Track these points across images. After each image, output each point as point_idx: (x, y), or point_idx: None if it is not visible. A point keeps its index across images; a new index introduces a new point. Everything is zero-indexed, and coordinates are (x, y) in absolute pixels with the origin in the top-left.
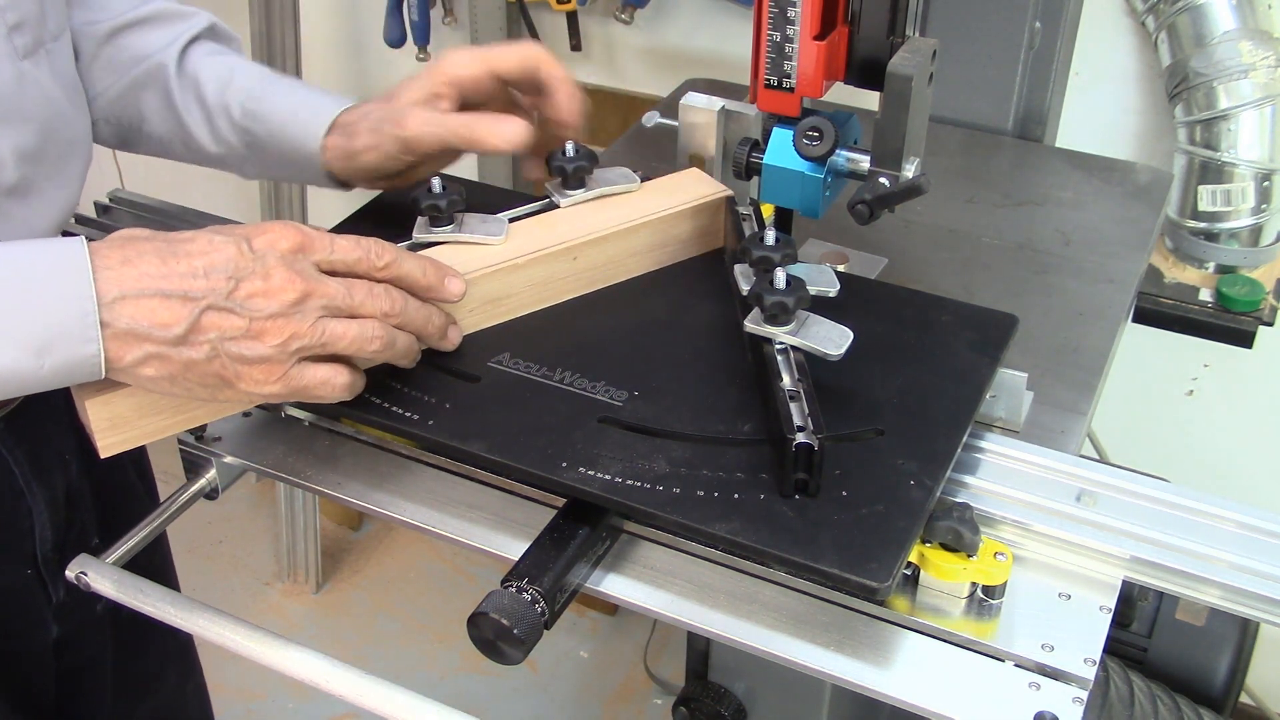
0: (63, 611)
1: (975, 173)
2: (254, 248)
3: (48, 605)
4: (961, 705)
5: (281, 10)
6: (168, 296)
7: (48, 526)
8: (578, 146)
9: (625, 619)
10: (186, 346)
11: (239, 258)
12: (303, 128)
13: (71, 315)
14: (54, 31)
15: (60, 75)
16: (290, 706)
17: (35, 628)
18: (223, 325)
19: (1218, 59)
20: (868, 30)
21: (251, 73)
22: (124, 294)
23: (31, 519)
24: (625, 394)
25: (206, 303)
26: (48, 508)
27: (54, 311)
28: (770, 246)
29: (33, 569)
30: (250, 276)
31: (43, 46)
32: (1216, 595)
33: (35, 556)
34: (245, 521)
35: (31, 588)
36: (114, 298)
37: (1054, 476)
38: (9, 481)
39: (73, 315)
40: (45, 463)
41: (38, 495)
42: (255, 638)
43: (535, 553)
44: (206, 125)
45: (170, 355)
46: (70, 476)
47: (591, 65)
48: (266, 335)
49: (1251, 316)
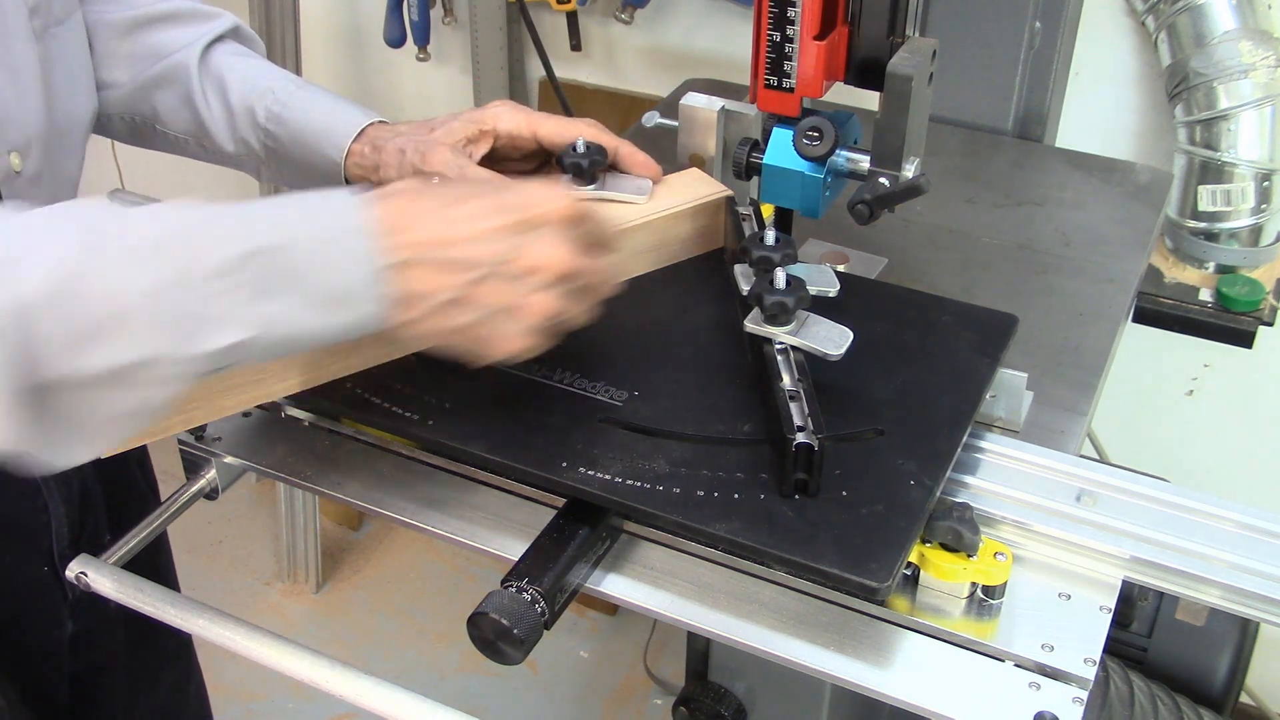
0: (78, 608)
1: (975, 173)
2: (536, 217)
3: (64, 602)
4: (961, 705)
5: (281, 10)
6: (444, 263)
7: (64, 523)
8: (588, 143)
9: (625, 619)
10: (456, 311)
11: (519, 226)
12: (329, 135)
13: (361, 277)
14: (59, 15)
15: (63, 59)
16: (290, 706)
17: (52, 624)
18: (495, 295)
19: (1218, 59)
20: (868, 30)
21: (280, 77)
22: (405, 259)
23: (49, 515)
24: (625, 394)
25: (483, 272)
26: (64, 504)
27: (347, 274)
28: (770, 246)
29: (50, 566)
30: (528, 246)
31: (49, 30)
32: (1216, 595)
33: (52, 553)
34: (245, 521)
35: (49, 585)
36: (398, 261)
37: (1054, 476)
38: (28, 479)
39: (361, 277)
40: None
41: (54, 492)
42: (255, 638)
43: (535, 553)
44: (227, 125)
45: (439, 317)
46: (84, 474)
47: (591, 65)
48: (538, 307)
49: (1251, 316)
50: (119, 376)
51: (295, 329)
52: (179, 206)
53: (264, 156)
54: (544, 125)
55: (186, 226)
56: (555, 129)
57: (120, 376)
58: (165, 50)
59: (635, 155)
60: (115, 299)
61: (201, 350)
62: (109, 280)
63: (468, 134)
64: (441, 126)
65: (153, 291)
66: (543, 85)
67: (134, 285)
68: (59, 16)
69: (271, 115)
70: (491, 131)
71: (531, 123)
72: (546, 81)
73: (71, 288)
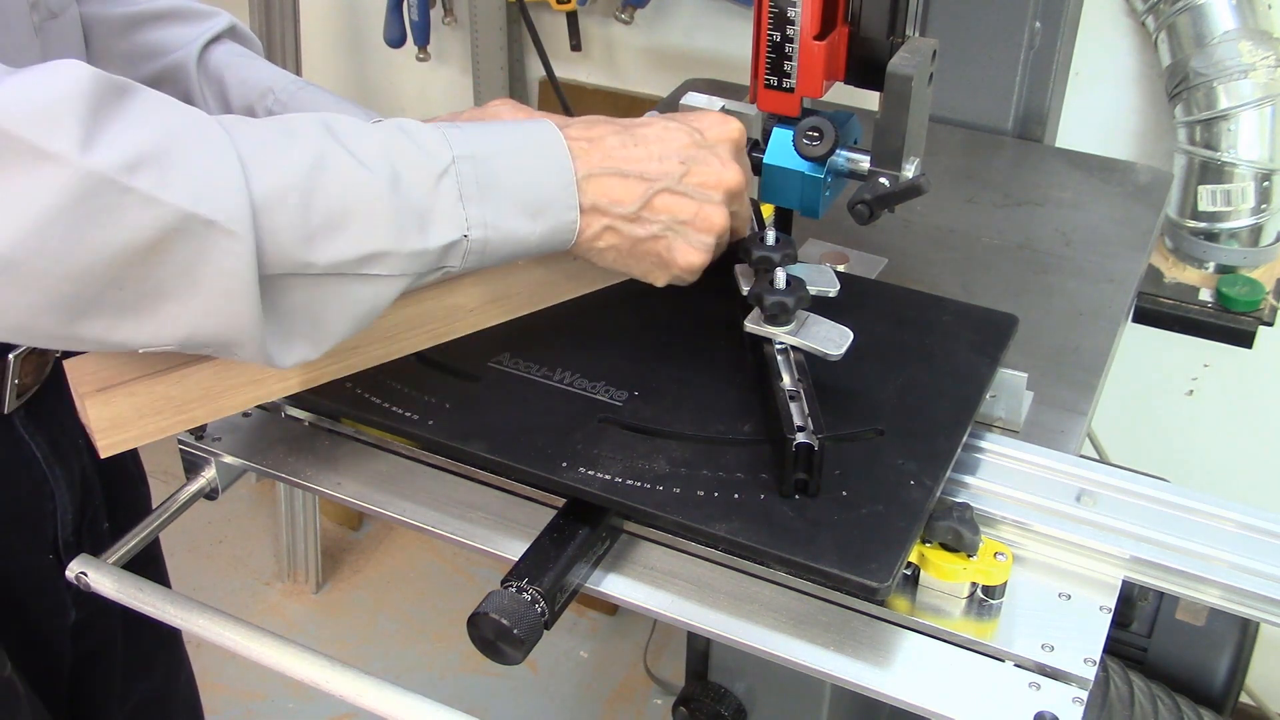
0: (81, 595)
1: (975, 173)
2: (706, 138)
3: (67, 589)
4: (961, 705)
5: (281, 10)
6: (626, 176)
7: (68, 510)
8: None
9: (625, 619)
10: (638, 224)
11: (691, 146)
12: None
13: (557, 185)
14: (55, 9)
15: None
16: (290, 706)
17: (56, 611)
18: (673, 207)
19: (1218, 59)
20: (868, 30)
21: (280, 77)
22: (591, 172)
23: (54, 503)
24: (625, 394)
25: (661, 185)
26: (69, 491)
27: (545, 182)
28: (770, 246)
29: (53, 553)
30: (701, 163)
31: (45, 23)
32: (1216, 595)
33: (56, 541)
34: (245, 521)
35: (53, 572)
36: (584, 174)
37: (1054, 476)
38: (33, 466)
39: (558, 185)
40: (64, 448)
41: (59, 480)
42: (255, 638)
43: (535, 553)
44: None
45: (623, 230)
46: (84, 462)
47: (591, 65)
48: (714, 220)
49: (1251, 316)
50: (349, 269)
51: (501, 233)
52: (393, 120)
53: None
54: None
55: (405, 134)
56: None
57: (350, 269)
58: (163, 49)
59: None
60: (349, 195)
61: (424, 245)
62: (343, 179)
63: None
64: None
65: (381, 189)
66: (543, 85)
67: (365, 183)
68: (54, 10)
69: (271, 115)
70: None
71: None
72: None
73: (309, 183)
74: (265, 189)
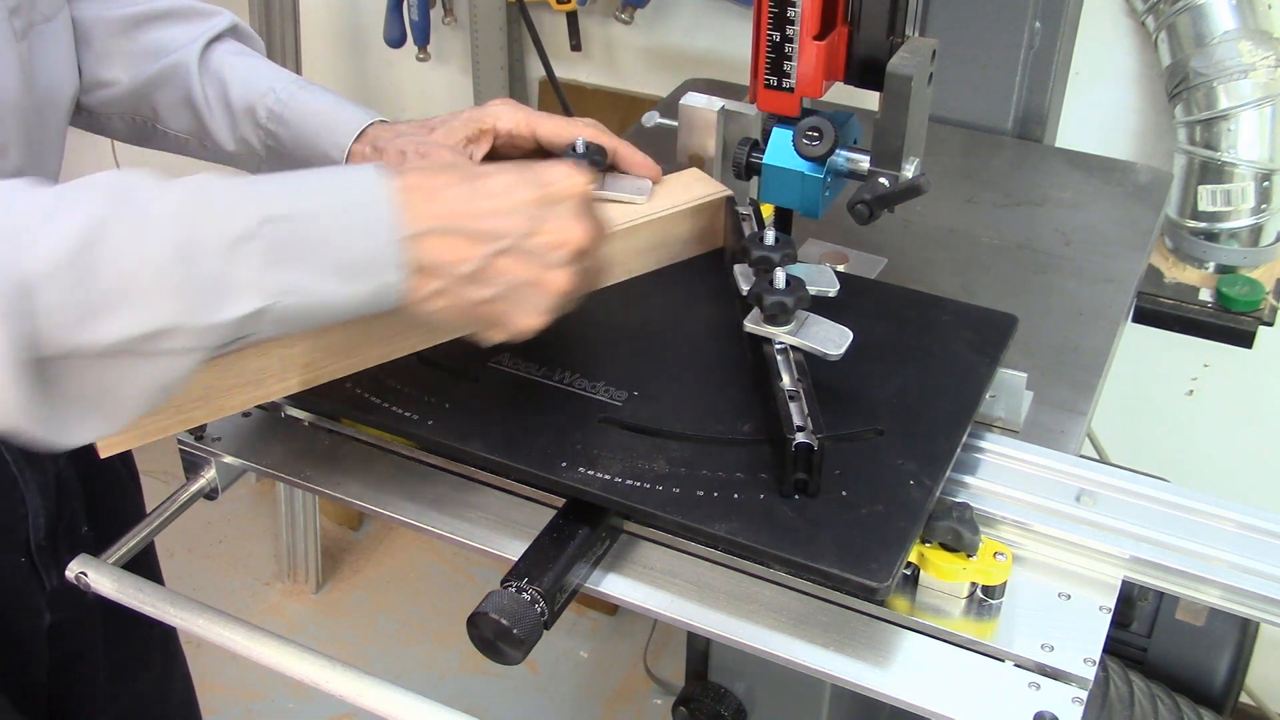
0: (56, 599)
1: (975, 173)
2: (553, 193)
3: (41, 593)
4: (961, 705)
5: (281, 10)
6: (465, 234)
7: (40, 514)
8: (588, 143)
9: (625, 619)
10: (475, 286)
11: (538, 202)
12: (330, 134)
13: (380, 244)
14: (46, 14)
15: (47, 56)
16: (290, 706)
17: (29, 615)
18: (515, 269)
19: (1218, 59)
20: (868, 30)
21: (281, 76)
22: (428, 228)
23: (25, 506)
24: (625, 394)
25: (504, 245)
26: (40, 495)
27: (364, 240)
28: (770, 246)
29: (26, 557)
30: (546, 221)
31: (34, 28)
32: (1216, 595)
33: (29, 544)
34: (245, 521)
35: (26, 576)
36: (418, 231)
37: (1054, 476)
38: (2, 469)
39: (381, 244)
40: (34, 452)
41: (30, 483)
42: (255, 638)
43: (535, 553)
44: (228, 125)
45: (458, 292)
46: (59, 464)
47: (591, 65)
48: (555, 284)
49: (1251, 316)
50: (134, 347)
51: (313, 298)
52: (195, 178)
53: (265, 156)
54: (543, 124)
55: (203, 194)
56: (554, 128)
57: (135, 347)
58: (164, 49)
59: (635, 155)
60: (129, 268)
61: (218, 319)
62: (123, 249)
63: (468, 133)
64: (441, 126)
65: (167, 259)
66: (543, 85)
67: (148, 253)
68: (46, 14)
69: (273, 115)
70: (491, 130)
71: (531, 122)
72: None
73: (84, 258)
74: (35, 265)
